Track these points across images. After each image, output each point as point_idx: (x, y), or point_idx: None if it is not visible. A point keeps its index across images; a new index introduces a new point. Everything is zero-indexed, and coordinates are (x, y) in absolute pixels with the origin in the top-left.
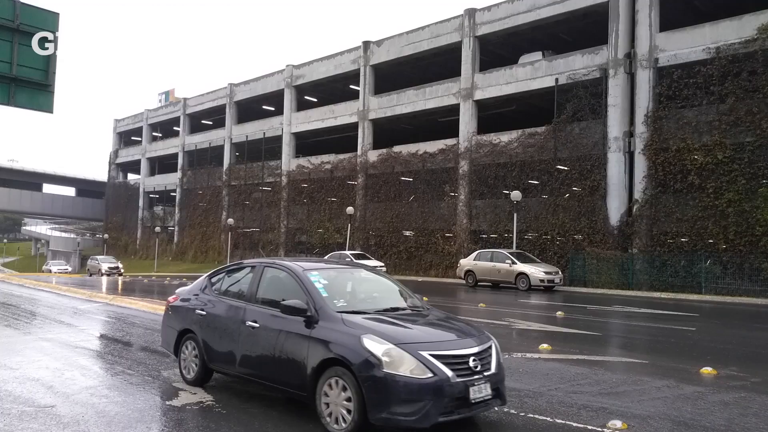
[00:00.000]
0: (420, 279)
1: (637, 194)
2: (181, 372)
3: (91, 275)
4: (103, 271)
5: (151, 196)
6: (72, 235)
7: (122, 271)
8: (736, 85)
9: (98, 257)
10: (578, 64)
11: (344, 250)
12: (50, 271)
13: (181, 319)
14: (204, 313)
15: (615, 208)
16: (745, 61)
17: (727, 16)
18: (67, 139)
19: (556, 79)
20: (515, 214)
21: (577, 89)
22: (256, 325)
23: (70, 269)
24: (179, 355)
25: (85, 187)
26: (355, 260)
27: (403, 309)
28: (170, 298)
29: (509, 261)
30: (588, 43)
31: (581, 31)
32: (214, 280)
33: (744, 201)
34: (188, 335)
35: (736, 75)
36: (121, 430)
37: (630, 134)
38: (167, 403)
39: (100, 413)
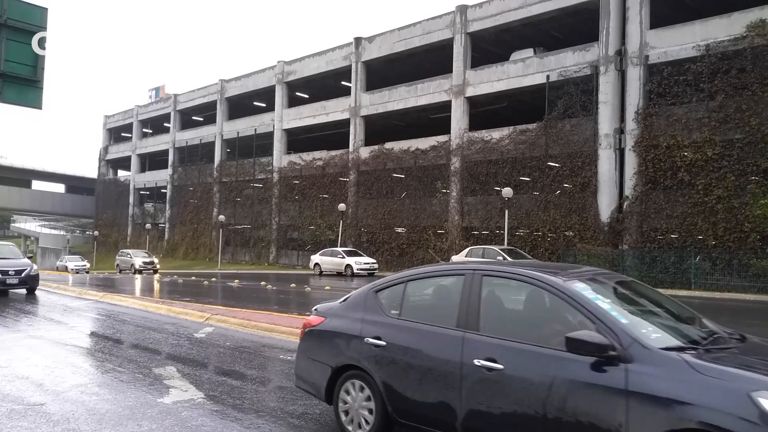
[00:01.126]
0: None
1: (628, 191)
2: (340, 424)
3: (120, 272)
4: (137, 267)
5: (141, 192)
6: (62, 232)
7: (158, 267)
8: (726, 83)
9: (129, 251)
10: (569, 61)
11: (336, 246)
12: (66, 269)
13: (339, 350)
14: (383, 343)
15: (606, 205)
16: (734, 58)
17: (717, 13)
18: (57, 136)
19: (548, 76)
20: (507, 211)
21: (568, 86)
22: (498, 366)
23: (88, 266)
24: (336, 401)
25: (75, 184)
26: (347, 256)
27: (717, 337)
28: (311, 319)
29: (501, 257)
30: (579, 40)
31: (572, 28)
32: (385, 295)
33: (733, 197)
34: (352, 373)
35: (725, 72)
36: (111, 427)
37: (620, 131)
38: (158, 400)
39: (91, 411)
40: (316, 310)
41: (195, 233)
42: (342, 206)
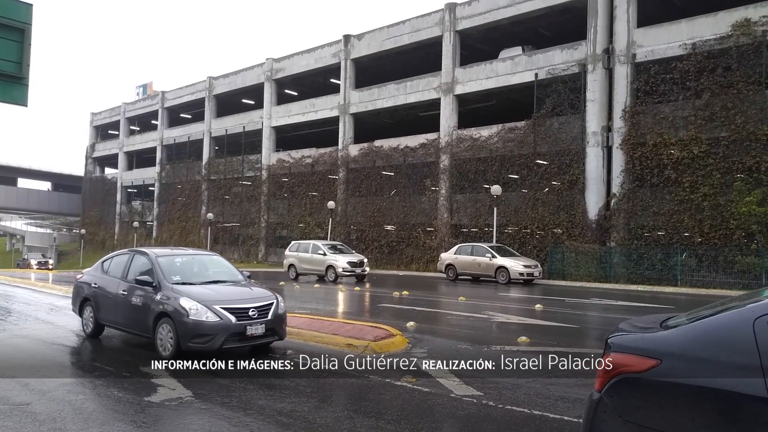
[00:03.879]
0: (401, 273)
1: (615, 188)
2: None
3: (296, 277)
4: (340, 271)
5: (129, 190)
6: (48, 231)
7: (367, 268)
8: (712, 81)
9: (318, 243)
10: (557, 60)
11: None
12: None
13: (717, 418)
14: None
15: (593, 202)
16: (720, 57)
17: (703, 12)
18: (43, 133)
19: (536, 74)
20: (495, 209)
21: (556, 84)
22: None
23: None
24: None
25: (62, 182)
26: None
27: None
28: (621, 358)
29: (489, 255)
30: (567, 38)
31: (561, 27)
32: None
33: (719, 195)
34: None
35: (711, 71)
36: (98, 426)
37: (608, 129)
38: (146, 399)
39: (77, 410)
40: (617, 344)
41: (183, 231)
42: (331, 204)
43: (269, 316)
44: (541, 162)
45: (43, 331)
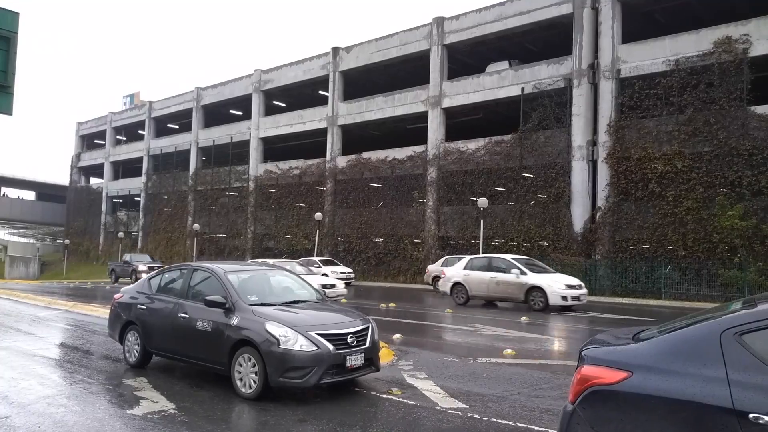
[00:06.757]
0: (388, 285)
1: (600, 202)
2: None
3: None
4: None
5: (114, 200)
6: (32, 241)
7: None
8: (695, 97)
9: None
10: (544, 74)
11: (312, 256)
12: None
13: (685, 430)
14: None
15: (579, 215)
16: (702, 73)
17: (686, 29)
18: (27, 142)
19: (522, 89)
20: (482, 221)
21: (542, 98)
22: None
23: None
24: None
25: (46, 191)
26: (323, 266)
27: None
28: (591, 371)
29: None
30: (553, 53)
31: (547, 42)
32: (760, 340)
33: (702, 209)
34: None
35: (694, 87)
36: None
37: (593, 143)
38: (128, 412)
39: (58, 423)
40: (589, 356)
41: (169, 242)
42: (318, 215)
43: (367, 344)
44: (528, 175)
45: (25, 343)
